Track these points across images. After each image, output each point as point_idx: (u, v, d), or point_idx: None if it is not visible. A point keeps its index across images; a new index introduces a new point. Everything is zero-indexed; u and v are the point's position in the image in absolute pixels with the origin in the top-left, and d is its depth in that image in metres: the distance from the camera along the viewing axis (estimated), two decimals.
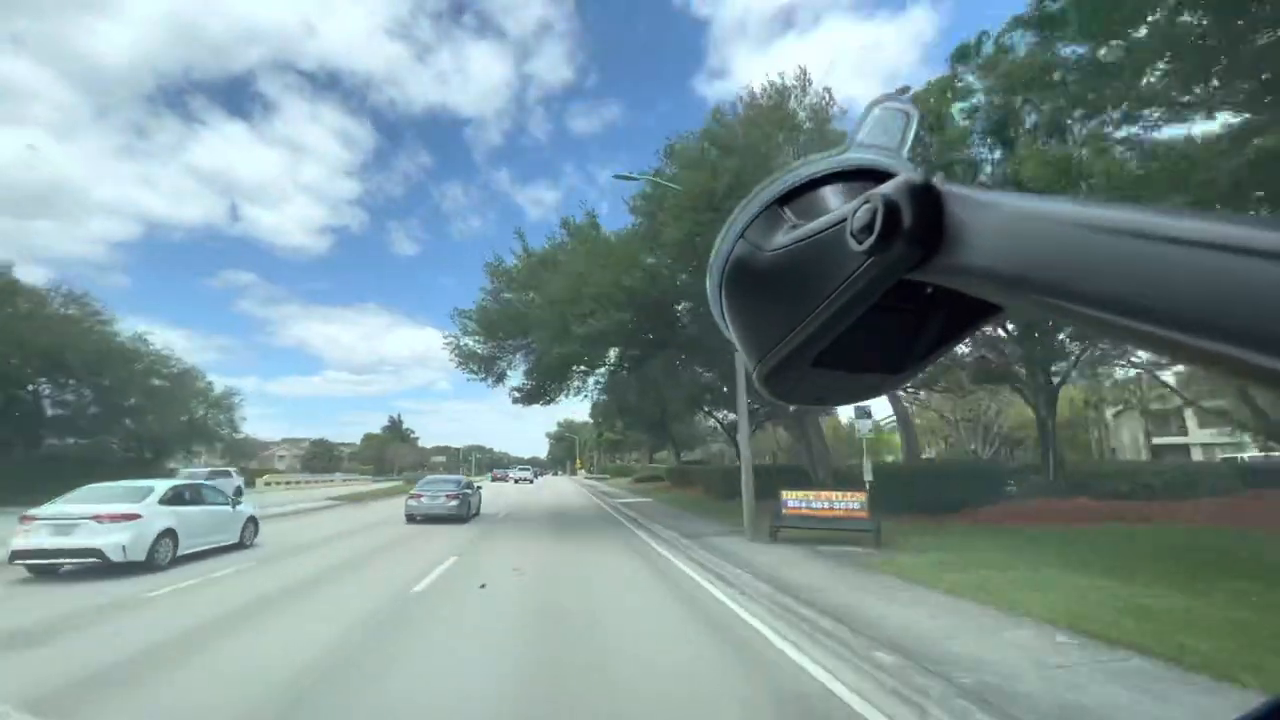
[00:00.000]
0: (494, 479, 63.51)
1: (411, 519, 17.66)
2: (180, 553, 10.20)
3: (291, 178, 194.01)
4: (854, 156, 0.44)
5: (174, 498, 10.48)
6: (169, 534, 9.94)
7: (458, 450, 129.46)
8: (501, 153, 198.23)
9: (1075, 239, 0.26)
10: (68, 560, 9.20)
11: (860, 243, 0.34)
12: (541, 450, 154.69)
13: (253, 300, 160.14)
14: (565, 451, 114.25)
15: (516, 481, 61.36)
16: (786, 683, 4.77)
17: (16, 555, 9.00)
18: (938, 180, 0.33)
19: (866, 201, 0.34)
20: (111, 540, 9.03)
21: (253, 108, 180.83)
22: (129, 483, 10.71)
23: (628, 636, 6.01)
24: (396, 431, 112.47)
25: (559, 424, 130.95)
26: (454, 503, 17.80)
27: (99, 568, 9.15)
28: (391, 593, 7.93)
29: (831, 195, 0.43)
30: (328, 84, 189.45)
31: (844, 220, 0.36)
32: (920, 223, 0.32)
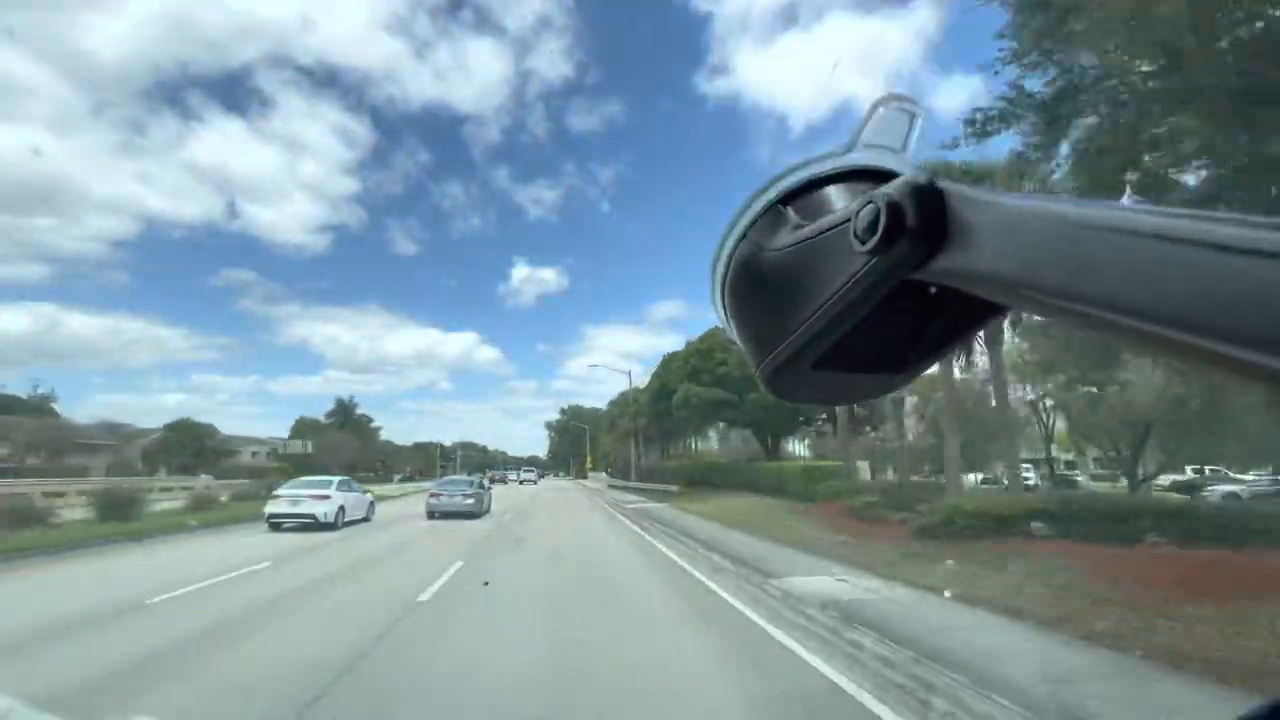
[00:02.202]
0: (493, 481, 62.24)
1: (431, 515, 19.67)
2: (345, 520, 17.51)
3: (290, 174, 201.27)
4: (857, 157, 0.45)
5: (340, 487, 17.79)
6: (342, 508, 17.29)
7: (439, 446, 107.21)
8: (501, 150, 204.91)
9: (1079, 239, 0.27)
10: (295, 520, 16.53)
11: (864, 243, 0.35)
12: (540, 449, 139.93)
13: (253, 299, 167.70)
14: (569, 447, 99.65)
15: (521, 482, 63.86)
16: None
17: (271, 516, 16.47)
18: (941, 180, 0.34)
19: (870, 201, 0.35)
20: (319, 509, 16.41)
21: (250, 104, 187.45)
22: (320, 477, 18.20)
23: None
24: (346, 417, 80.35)
25: (563, 411, 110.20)
26: (469, 501, 20.10)
27: (305, 525, 16.44)
28: (473, 537, 15.12)
29: (835, 195, 0.44)
30: (326, 80, 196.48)
31: (847, 220, 0.36)
32: (924, 223, 0.33)
